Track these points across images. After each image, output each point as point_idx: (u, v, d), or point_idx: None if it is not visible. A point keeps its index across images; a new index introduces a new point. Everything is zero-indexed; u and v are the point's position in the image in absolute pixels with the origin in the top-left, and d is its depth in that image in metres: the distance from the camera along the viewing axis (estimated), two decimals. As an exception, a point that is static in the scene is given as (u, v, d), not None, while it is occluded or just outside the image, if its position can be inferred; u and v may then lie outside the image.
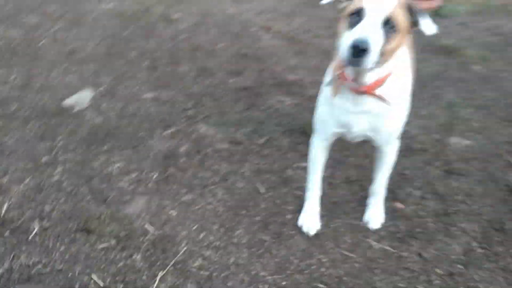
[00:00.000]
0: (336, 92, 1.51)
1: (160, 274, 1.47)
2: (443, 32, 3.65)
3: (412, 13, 1.33)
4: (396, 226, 1.77)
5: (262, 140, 2.25)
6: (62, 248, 1.55)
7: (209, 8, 3.70)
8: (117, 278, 1.45)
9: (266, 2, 3.93)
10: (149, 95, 2.51)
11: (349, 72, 1.42)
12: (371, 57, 1.24)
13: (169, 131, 2.24)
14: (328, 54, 3.12)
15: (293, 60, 3.01)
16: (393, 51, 1.34)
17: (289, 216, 1.77)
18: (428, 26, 1.35)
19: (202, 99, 2.51)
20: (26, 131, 2.13)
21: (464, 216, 1.90)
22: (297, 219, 1.75)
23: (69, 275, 1.45)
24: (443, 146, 2.36)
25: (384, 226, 1.75)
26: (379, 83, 1.44)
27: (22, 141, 2.07)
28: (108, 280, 1.45)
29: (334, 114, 1.57)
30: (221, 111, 2.44)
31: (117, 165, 1.98)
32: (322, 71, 2.72)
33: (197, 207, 1.80)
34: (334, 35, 2.99)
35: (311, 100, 2.56)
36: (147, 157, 2.05)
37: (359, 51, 1.23)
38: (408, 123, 2.24)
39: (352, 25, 1.30)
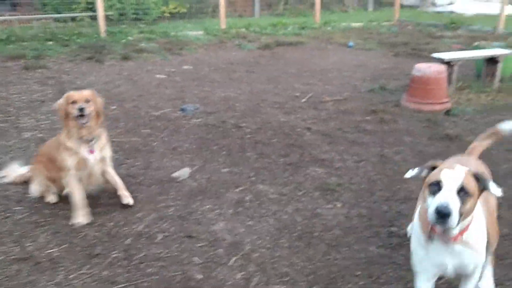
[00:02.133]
0: (428, 239, 1.82)
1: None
2: (449, 126, 4.71)
3: (479, 179, 1.70)
4: None
5: (300, 193, 3.33)
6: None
7: (266, 118, 5.09)
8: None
9: (309, 112, 5.26)
10: (225, 170, 3.74)
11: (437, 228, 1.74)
12: (453, 218, 1.58)
13: (238, 189, 3.41)
14: (353, 143, 4.27)
15: (325, 147, 4.18)
16: (469, 211, 1.68)
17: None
18: (494, 189, 1.72)
19: (261, 171, 3.70)
20: (150, 191, 3.40)
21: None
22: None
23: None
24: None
25: None
26: (463, 232, 1.75)
27: (146, 195, 3.33)
28: None
29: (430, 257, 1.85)
30: (273, 177, 3.59)
31: (207, 206, 3.15)
32: (347, 153, 3.91)
33: (256, 228, 2.87)
34: (358, 130, 4.21)
35: (337, 170, 3.67)
36: (225, 202, 3.20)
37: (442, 215, 1.57)
38: (407, 182, 3.30)
39: (434, 193, 1.65)
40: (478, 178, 1.71)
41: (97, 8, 10.41)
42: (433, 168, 1.82)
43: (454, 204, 1.59)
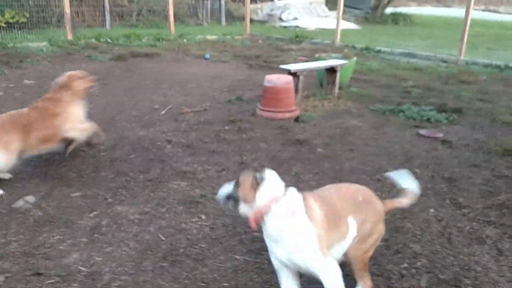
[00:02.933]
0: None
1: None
2: (299, 131, 5.08)
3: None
4: None
5: (163, 209, 3.20)
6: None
7: (123, 133, 4.82)
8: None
9: (169, 124, 5.15)
10: (77, 193, 3.40)
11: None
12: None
13: (92, 213, 3.12)
14: (214, 152, 4.30)
15: (187, 159, 4.13)
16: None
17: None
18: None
19: (118, 191, 3.46)
20: (-16, 226, 2.90)
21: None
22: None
23: None
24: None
25: None
26: (258, 216, 1.98)
27: (-18, 233, 2.83)
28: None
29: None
30: (133, 195, 3.39)
31: (56, 237, 2.80)
32: (208, 163, 3.89)
33: (115, 254, 2.65)
34: (218, 140, 4.23)
35: (200, 181, 3.63)
36: (78, 230, 2.89)
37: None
38: None
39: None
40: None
41: None
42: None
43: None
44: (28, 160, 3.93)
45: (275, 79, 5.55)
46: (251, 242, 2.84)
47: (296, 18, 19.08)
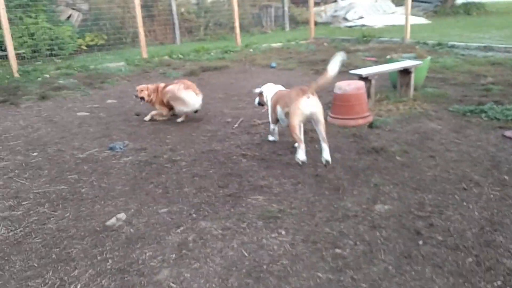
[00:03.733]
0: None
1: None
2: (374, 138, 4.95)
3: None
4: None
5: (244, 225, 3.29)
6: None
7: (200, 148, 5.02)
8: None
9: (242, 138, 5.28)
10: (164, 210, 3.60)
11: None
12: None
13: (179, 229, 3.29)
14: (288, 165, 4.34)
15: (262, 173, 4.20)
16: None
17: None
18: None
19: (201, 206, 3.61)
20: (84, 244, 3.17)
21: (383, 252, 2.87)
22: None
23: None
24: (369, 211, 3.40)
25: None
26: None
27: (80, 250, 3.10)
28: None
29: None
30: (215, 211, 3.52)
31: (148, 253, 2.99)
32: (283, 177, 3.93)
33: (202, 270, 2.78)
34: (291, 152, 4.28)
35: (276, 195, 3.69)
36: (167, 246, 3.07)
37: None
38: (343, 200, 3.45)
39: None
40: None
41: (7, 47, 9.77)
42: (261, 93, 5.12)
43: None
44: (118, 178, 4.24)
45: (345, 86, 5.47)
46: (333, 259, 2.82)
47: (362, 17, 18.63)
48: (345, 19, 18.80)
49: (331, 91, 5.73)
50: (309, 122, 4.41)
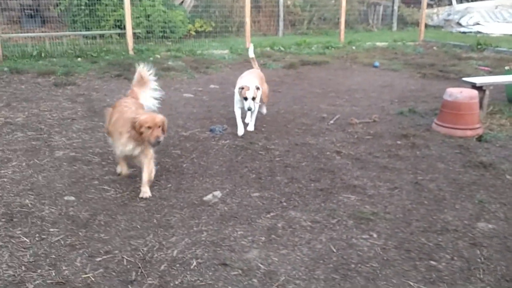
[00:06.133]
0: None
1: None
2: (482, 152, 4.60)
3: (258, 88, 5.17)
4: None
5: (334, 221, 3.28)
6: (212, 270, 2.65)
7: (294, 140, 5.06)
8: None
9: (338, 135, 5.22)
10: (256, 194, 3.72)
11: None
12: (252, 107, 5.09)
13: (269, 214, 3.37)
14: (385, 168, 4.20)
15: (356, 172, 4.12)
16: (256, 104, 5.23)
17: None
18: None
19: (292, 196, 3.66)
20: (182, 214, 3.39)
21: (483, 271, 2.68)
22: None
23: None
24: (471, 228, 3.18)
25: None
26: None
27: (179, 219, 3.32)
28: None
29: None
30: (305, 203, 3.55)
31: (239, 232, 3.12)
32: (379, 180, 3.84)
33: (289, 257, 2.83)
34: (389, 155, 4.14)
35: (370, 197, 3.61)
36: (257, 229, 3.16)
37: (249, 108, 5.13)
38: (444, 212, 3.30)
39: (245, 99, 5.07)
40: (257, 87, 5.10)
41: (126, 25, 10.67)
42: (242, 88, 5.05)
43: (252, 104, 5.06)
44: (215, 159, 4.46)
45: (457, 93, 5.12)
46: (427, 270, 2.70)
47: (478, 23, 17.18)
48: (459, 24, 17.48)
49: (439, 97, 5.41)
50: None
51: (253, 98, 5.03)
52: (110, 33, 11.79)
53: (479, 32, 15.97)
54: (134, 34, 11.04)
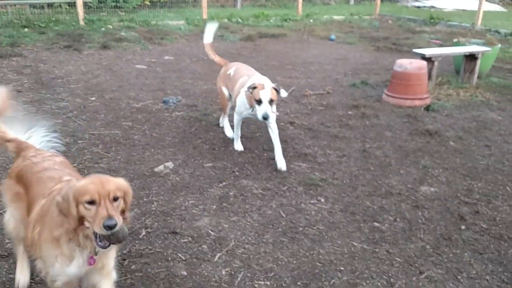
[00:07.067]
0: (252, 106, 3.61)
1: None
2: (429, 121, 4.79)
3: (277, 89, 3.53)
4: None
5: (284, 188, 3.34)
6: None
7: (250, 111, 5.07)
8: (194, 251, 2.50)
9: (292, 106, 5.27)
10: (209, 164, 3.71)
11: None
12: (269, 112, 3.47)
13: (222, 184, 3.39)
14: (335, 137, 4.30)
15: (308, 142, 4.20)
16: (274, 109, 3.66)
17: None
18: (284, 93, 3.68)
19: (244, 166, 3.69)
20: (132, 186, 3.34)
21: (423, 231, 2.83)
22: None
23: (167, 249, 2.52)
24: (414, 192, 3.33)
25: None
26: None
27: (131, 190, 3.27)
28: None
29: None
30: (257, 171, 3.59)
31: (191, 201, 3.12)
32: (329, 148, 3.90)
33: (240, 223, 2.87)
34: (340, 125, 4.22)
35: (320, 164, 3.69)
36: (209, 198, 3.18)
37: (265, 117, 3.47)
38: (389, 177, 3.41)
39: (258, 103, 3.46)
40: (276, 89, 3.53)
41: (75, -6, 10.14)
42: (254, 87, 3.48)
43: (268, 110, 3.46)
44: (168, 130, 4.40)
45: (406, 64, 5.27)
46: (370, 231, 2.82)
47: (431, -3, 17.60)
48: (414, -2, 17.85)
49: (391, 69, 5.54)
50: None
51: (271, 101, 3.47)
52: (60, 2, 11.18)
53: (433, 7, 16.39)
54: (85, 3, 10.52)
